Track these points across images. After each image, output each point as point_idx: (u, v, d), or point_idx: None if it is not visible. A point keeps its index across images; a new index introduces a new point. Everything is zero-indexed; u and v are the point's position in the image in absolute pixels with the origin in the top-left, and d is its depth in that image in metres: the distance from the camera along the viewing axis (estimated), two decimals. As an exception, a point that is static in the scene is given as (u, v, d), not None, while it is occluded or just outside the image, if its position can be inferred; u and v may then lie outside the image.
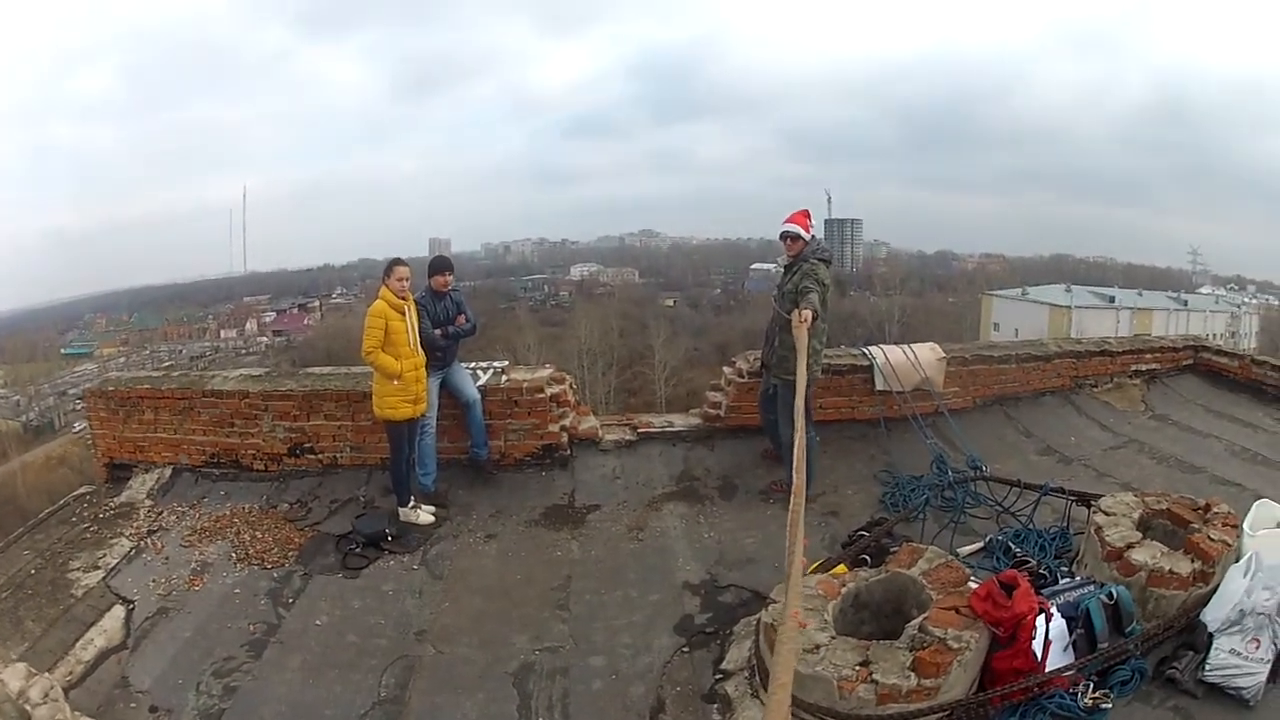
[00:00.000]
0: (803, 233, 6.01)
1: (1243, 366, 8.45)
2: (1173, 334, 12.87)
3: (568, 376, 7.23)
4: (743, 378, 7.12)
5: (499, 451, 6.78)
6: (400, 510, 6.09)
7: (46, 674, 3.99)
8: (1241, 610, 3.87)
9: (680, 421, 7.44)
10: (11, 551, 5.89)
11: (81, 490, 6.97)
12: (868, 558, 4.87)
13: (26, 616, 4.94)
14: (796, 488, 3.46)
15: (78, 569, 5.54)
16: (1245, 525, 4.38)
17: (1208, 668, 3.81)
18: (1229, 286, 68.22)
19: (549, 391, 6.81)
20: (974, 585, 3.90)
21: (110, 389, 7.24)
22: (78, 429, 40.86)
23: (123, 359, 61.96)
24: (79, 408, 42.77)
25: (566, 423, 6.95)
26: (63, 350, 68.33)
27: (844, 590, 4.07)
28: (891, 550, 4.65)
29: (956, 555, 4.66)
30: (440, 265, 6.48)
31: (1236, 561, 4.15)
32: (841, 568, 4.67)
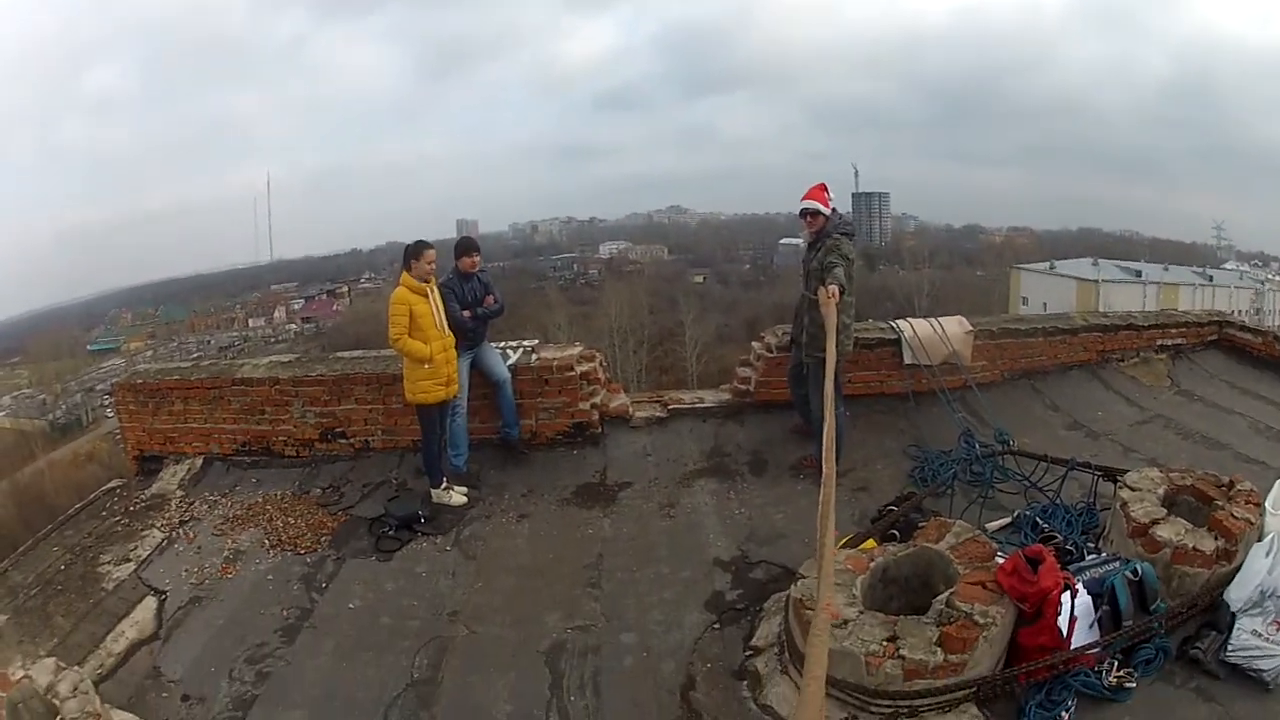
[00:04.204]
0: (822, 208, 5.91)
1: (1267, 344, 8.34)
2: (1198, 309, 12.69)
3: (598, 354, 7.26)
4: (771, 352, 7.14)
5: (530, 431, 6.84)
6: (433, 492, 6.16)
7: (76, 668, 4.00)
8: (1263, 591, 3.83)
9: (710, 397, 7.48)
10: (41, 549, 5.93)
11: (111, 484, 7.01)
12: (896, 533, 4.90)
13: (55, 613, 4.99)
14: (827, 476, 3.37)
15: (108, 562, 5.60)
16: (1267, 504, 4.30)
17: (1230, 648, 3.75)
18: (1253, 263, 66.83)
19: (579, 369, 6.85)
20: (1000, 560, 3.91)
21: (139, 381, 7.29)
22: (109, 418, 40.99)
23: (150, 352, 62.00)
24: (107, 403, 43.03)
25: (597, 401, 7.00)
26: (89, 347, 68.72)
27: (872, 565, 4.08)
28: (920, 525, 4.66)
29: (984, 530, 4.66)
30: (467, 246, 6.50)
31: (1259, 540, 4.10)
32: (870, 542, 4.70)
